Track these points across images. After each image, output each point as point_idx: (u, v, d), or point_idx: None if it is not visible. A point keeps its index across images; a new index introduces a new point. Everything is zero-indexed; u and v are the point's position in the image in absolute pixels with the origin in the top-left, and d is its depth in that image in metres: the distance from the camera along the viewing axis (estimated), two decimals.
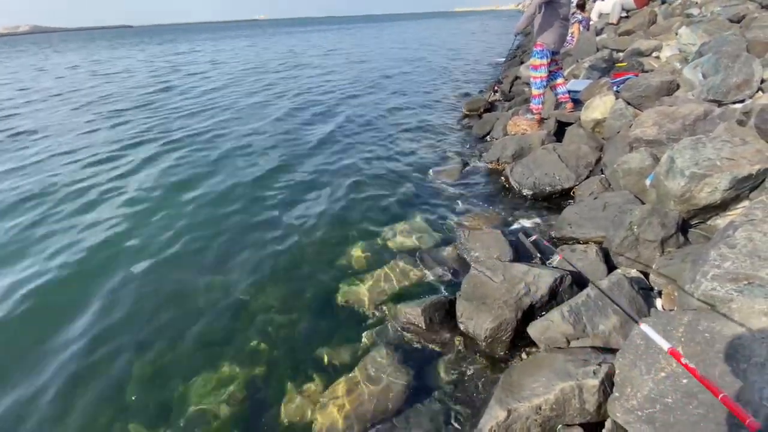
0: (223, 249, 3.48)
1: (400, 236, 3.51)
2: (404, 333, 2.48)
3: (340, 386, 2.11)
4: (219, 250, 3.48)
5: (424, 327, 2.45)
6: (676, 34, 5.19)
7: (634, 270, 2.28)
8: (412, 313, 2.50)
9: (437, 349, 2.35)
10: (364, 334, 2.49)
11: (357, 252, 3.30)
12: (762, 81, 3.34)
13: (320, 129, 6.88)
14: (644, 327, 1.42)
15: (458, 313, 2.42)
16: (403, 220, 3.78)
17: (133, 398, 2.20)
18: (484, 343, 2.23)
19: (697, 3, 6.53)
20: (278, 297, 2.87)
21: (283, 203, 4.28)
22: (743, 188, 2.38)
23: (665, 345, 1.30)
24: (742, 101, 3.29)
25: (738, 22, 4.69)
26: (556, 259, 2.73)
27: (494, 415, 1.62)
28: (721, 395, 1.02)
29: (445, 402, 2.02)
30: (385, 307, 2.70)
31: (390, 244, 3.43)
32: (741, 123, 2.92)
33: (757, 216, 1.98)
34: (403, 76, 11.76)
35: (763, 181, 2.43)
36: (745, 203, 2.47)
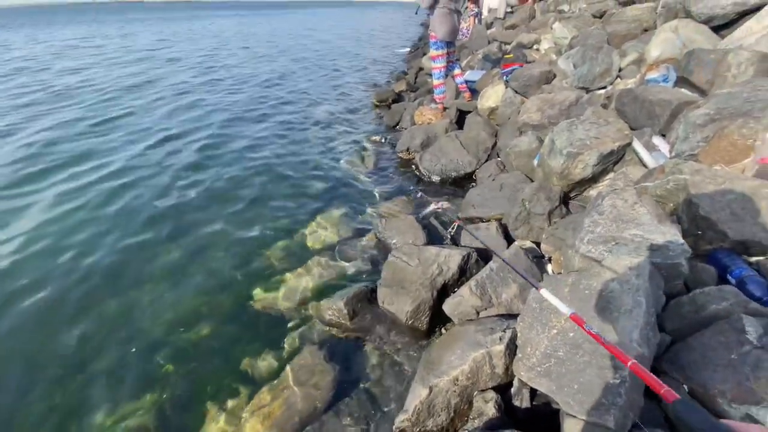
0: (119, 265, 3.11)
1: (318, 232, 3.46)
2: (329, 328, 2.48)
3: (265, 395, 2.04)
4: (114, 266, 3.10)
5: (348, 319, 2.47)
6: (551, 28, 5.82)
7: (528, 241, 2.54)
8: (334, 307, 2.51)
9: (363, 338, 2.39)
10: (287, 338, 2.43)
11: (273, 253, 3.19)
12: (620, 69, 3.90)
13: (226, 127, 6.45)
14: (544, 292, 1.54)
15: (380, 300, 2.49)
16: (320, 214, 3.74)
17: None
18: (406, 325, 2.33)
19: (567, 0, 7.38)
20: (189, 312, 2.65)
21: (190, 208, 3.95)
22: (608, 162, 2.78)
23: (566, 310, 1.37)
24: (604, 87, 3.82)
25: (600, 17, 5.40)
26: None
27: (417, 393, 1.70)
28: (630, 362, 1.00)
29: (372, 389, 2.07)
30: (308, 306, 2.66)
31: (308, 240, 3.37)
32: (604, 106, 3.39)
33: (619, 185, 2.33)
34: (313, 68, 11.52)
35: (623, 155, 2.87)
36: (611, 175, 2.89)
